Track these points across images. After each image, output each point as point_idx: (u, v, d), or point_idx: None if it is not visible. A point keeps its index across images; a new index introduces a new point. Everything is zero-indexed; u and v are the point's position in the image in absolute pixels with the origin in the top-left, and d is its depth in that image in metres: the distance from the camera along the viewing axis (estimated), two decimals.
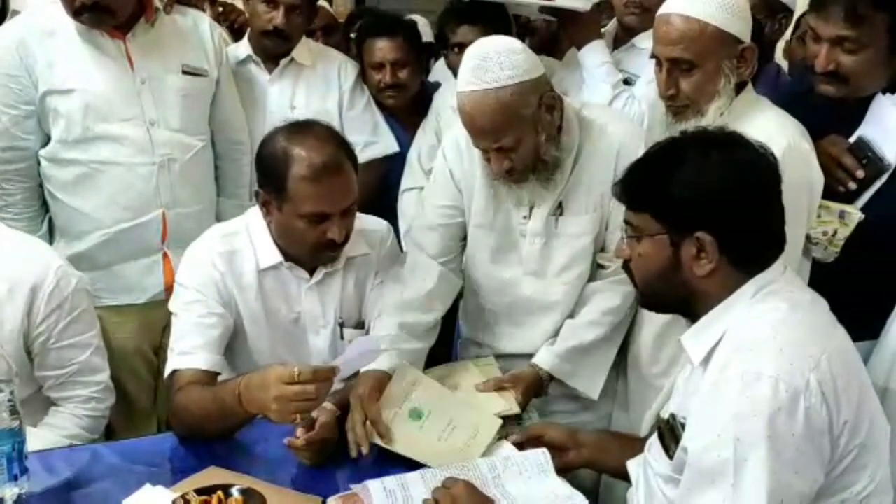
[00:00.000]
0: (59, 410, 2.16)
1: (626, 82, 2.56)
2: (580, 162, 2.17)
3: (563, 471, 1.86)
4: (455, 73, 2.87)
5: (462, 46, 2.80)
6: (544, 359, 2.20)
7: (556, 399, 2.26)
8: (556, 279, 2.24)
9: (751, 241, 1.55)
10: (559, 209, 2.20)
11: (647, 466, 1.63)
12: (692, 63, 2.03)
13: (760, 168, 1.57)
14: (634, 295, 2.00)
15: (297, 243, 2.07)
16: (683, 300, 1.60)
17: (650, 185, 1.59)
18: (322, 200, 1.98)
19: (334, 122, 2.83)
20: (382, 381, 2.03)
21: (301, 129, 2.05)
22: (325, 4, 3.56)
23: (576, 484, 1.84)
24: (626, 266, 1.67)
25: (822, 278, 2.13)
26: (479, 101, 2.01)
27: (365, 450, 1.89)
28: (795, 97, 2.32)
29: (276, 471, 1.83)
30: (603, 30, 2.73)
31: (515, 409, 2.08)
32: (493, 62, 2.00)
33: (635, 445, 1.80)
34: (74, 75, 2.47)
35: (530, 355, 2.25)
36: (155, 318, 2.62)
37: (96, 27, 2.46)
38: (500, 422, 2.00)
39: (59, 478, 1.82)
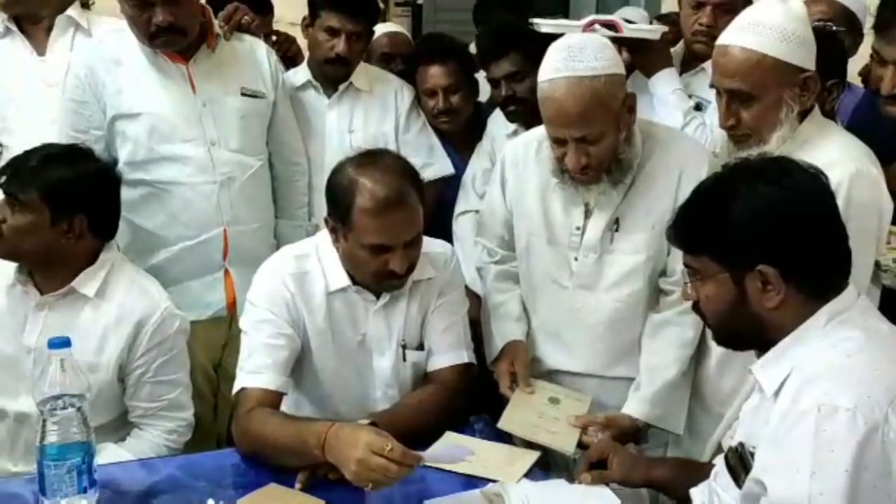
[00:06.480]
0: (142, 434, 2.24)
1: (697, 107, 2.53)
2: (640, 177, 2.16)
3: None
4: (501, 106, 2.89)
5: (496, 82, 2.83)
6: (637, 408, 2.16)
7: None
8: (606, 295, 2.22)
9: (815, 267, 1.53)
10: (615, 225, 2.18)
11: (713, 495, 1.62)
12: (751, 95, 1.99)
13: (812, 192, 1.55)
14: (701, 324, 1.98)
15: (360, 272, 2.08)
16: (758, 334, 1.58)
17: (704, 227, 1.59)
18: (384, 233, 1.98)
19: (391, 145, 2.88)
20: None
21: (369, 159, 2.04)
22: (405, 32, 3.60)
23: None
24: (696, 307, 1.66)
25: (894, 307, 2.11)
26: (571, 88, 2.00)
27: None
28: (867, 120, 2.29)
29: (334, 490, 1.83)
30: (672, 50, 2.69)
31: (570, 451, 2.07)
32: (587, 52, 2.01)
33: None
34: (141, 100, 2.54)
35: (577, 374, 2.27)
36: (216, 336, 2.67)
37: (169, 48, 2.53)
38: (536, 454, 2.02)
39: (124, 490, 1.86)
